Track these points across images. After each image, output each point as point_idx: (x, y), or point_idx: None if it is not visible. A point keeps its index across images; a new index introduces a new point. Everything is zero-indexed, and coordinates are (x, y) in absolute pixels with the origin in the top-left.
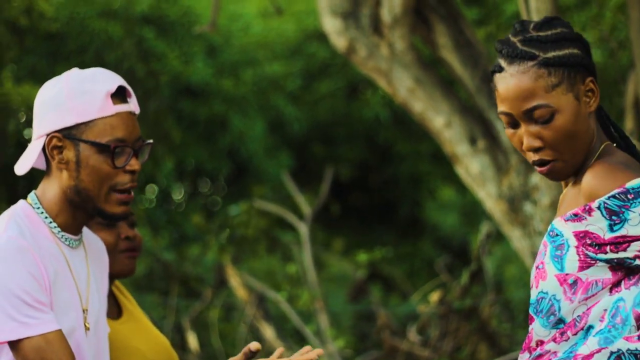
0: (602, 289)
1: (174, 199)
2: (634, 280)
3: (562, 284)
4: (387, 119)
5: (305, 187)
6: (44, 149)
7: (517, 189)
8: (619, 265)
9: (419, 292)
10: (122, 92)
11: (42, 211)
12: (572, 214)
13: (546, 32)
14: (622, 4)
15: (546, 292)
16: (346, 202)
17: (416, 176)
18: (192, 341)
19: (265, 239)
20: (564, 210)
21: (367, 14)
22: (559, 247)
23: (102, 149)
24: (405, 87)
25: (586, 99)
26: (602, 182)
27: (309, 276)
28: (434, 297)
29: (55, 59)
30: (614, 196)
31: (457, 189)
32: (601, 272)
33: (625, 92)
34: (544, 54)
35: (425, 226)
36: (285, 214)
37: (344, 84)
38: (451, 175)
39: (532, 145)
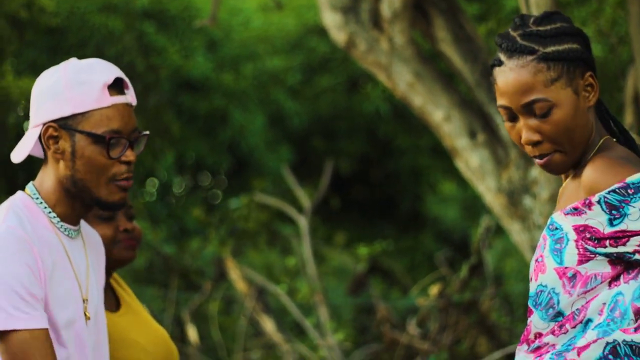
0: (601, 282)
1: (174, 192)
2: (633, 274)
3: (561, 278)
4: (387, 113)
5: (305, 181)
6: (40, 138)
7: (516, 182)
8: (618, 259)
9: (419, 286)
10: (119, 83)
11: (40, 201)
12: (572, 208)
13: (546, 26)
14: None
15: (545, 285)
16: (347, 196)
17: (416, 170)
18: (192, 334)
19: (265, 232)
20: (564, 203)
21: (366, 9)
22: (558, 240)
23: (97, 139)
24: (404, 81)
25: (585, 93)
26: (602, 176)
27: (309, 269)
28: (434, 290)
29: (55, 53)
30: (614, 191)
31: (458, 183)
32: (600, 266)
33: (624, 87)
34: (544, 49)
35: (425, 220)
36: (285, 207)
37: (344, 79)
38: (451, 169)
39: (530, 139)
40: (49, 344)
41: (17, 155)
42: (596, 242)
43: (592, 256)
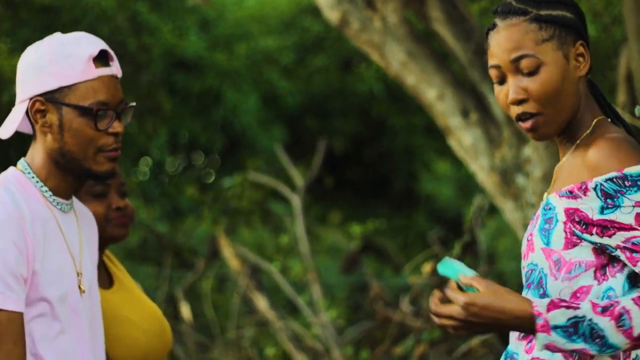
0: (585, 271)
1: (167, 171)
2: (618, 267)
3: (547, 259)
4: (381, 92)
5: (299, 160)
6: (27, 113)
7: (509, 161)
8: (601, 249)
9: (412, 264)
10: (104, 55)
11: (32, 176)
12: (568, 191)
13: None
14: None
15: (536, 264)
16: (340, 175)
17: (410, 149)
18: (185, 311)
19: (258, 211)
20: (560, 184)
21: None
22: (548, 220)
23: (84, 112)
24: (398, 60)
25: (576, 62)
26: (608, 158)
27: (302, 247)
28: (427, 268)
29: (48, 32)
30: (611, 179)
31: (452, 162)
32: (584, 254)
33: (617, 67)
34: (537, 11)
35: (419, 199)
36: (278, 186)
37: (337, 58)
38: (445, 148)
39: (516, 97)
40: (22, 329)
41: (5, 131)
42: (584, 227)
43: (578, 241)
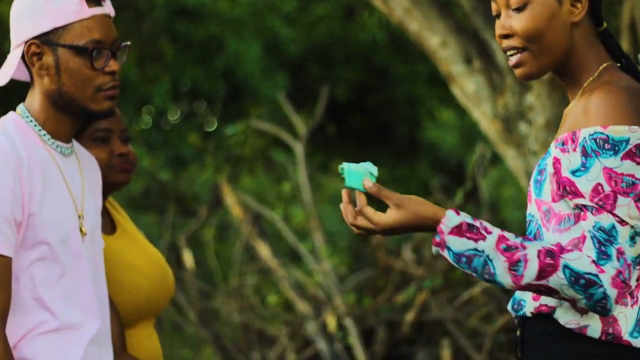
0: (574, 224)
1: (169, 119)
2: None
3: (539, 210)
4: (383, 41)
5: (301, 108)
6: (23, 58)
7: (512, 108)
8: None
9: None
10: None
11: (30, 120)
12: (562, 141)
13: None
14: None
15: (533, 216)
16: (343, 123)
17: (413, 97)
18: (188, 259)
19: (261, 159)
20: (562, 131)
21: None
22: (540, 171)
23: (80, 51)
24: (401, 7)
25: (571, 8)
26: (600, 108)
27: (304, 195)
28: None
29: None
30: (594, 138)
31: (455, 110)
32: (570, 208)
33: (620, 14)
34: None
35: (422, 148)
36: (280, 134)
37: (340, 6)
38: (447, 97)
39: (501, 32)
40: (9, 273)
41: (2, 78)
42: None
43: (564, 195)
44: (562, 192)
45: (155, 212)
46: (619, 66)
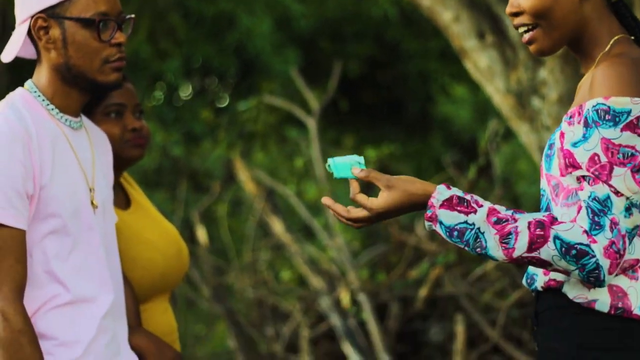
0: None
1: (181, 96)
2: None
3: (548, 184)
4: (395, 16)
5: (313, 83)
6: (29, 34)
7: (525, 83)
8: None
9: None
10: None
11: (38, 94)
12: (570, 115)
13: None
14: None
15: (544, 190)
16: (355, 99)
17: (425, 73)
18: (201, 235)
19: (274, 134)
20: (573, 104)
21: None
22: (550, 145)
23: (87, 23)
24: None
25: None
26: (604, 80)
27: (317, 170)
28: None
29: None
30: (596, 109)
31: (469, 86)
32: (576, 183)
33: None
34: None
35: (434, 124)
36: (293, 109)
37: None
38: (459, 72)
39: (510, 10)
40: (24, 247)
41: (8, 54)
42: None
43: (571, 169)
44: (566, 165)
45: (167, 188)
46: (634, 39)
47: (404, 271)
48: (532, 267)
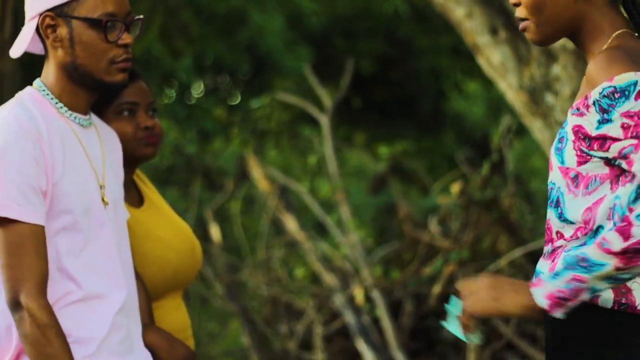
0: (601, 184)
1: (192, 94)
2: (630, 176)
3: (564, 177)
4: (406, 13)
5: (326, 81)
6: (37, 31)
7: (538, 79)
8: (608, 162)
9: (440, 183)
10: None
11: (47, 93)
12: (576, 108)
13: None
14: None
15: (554, 183)
16: (367, 96)
17: (437, 70)
18: (215, 233)
19: (287, 132)
20: (578, 96)
21: None
22: (560, 139)
23: (94, 24)
24: None
25: None
26: (599, 70)
27: (330, 167)
28: (455, 188)
29: None
30: (605, 95)
31: (482, 83)
32: (598, 168)
33: None
34: None
35: (447, 120)
36: (306, 106)
37: None
38: (471, 69)
39: (511, 0)
40: (44, 242)
41: (16, 50)
42: (587, 143)
43: (589, 158)
44: (596, 148)
45: (181, 186)
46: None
47: (417, 268)
48: (539, 265)
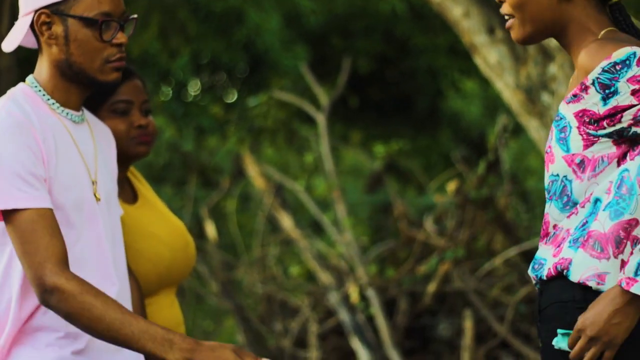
0: (609, 164)
1: (189, 92)
2: (638, 150)
3: (570, 165)
4: (403, 12)
5: (322, 79)
6: (32, 26)
7: (534, 79)
8: (619, 137)
9: (436, 182)
10: None
11: (39, 89)
12: (572, 95)
13: None
14: None
15: (557, 175)
16: (364, 94)
17: (434, 69)
18: (210, 230)
19: (283, 130)
20: (567, 93)
21: None
22: (562, 129)
23: (89, 23)
24: None
25: None
26: (592, 56)
27: (327, 166)
28: (451, 187)
29: None
30: (604, 70)
31: (479, 82)
32: (605, 148)
33: None
34: None
35: (443, 120)
36: (303, 105)
37: None
38: (468, 68)
39: None
40: (56, 222)
41: (9, 44)
42: (595, 124)
43: (596, 139)
44: (606, 125)
45: (177, 184)
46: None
47: (412, 266)
48: (540, 252)
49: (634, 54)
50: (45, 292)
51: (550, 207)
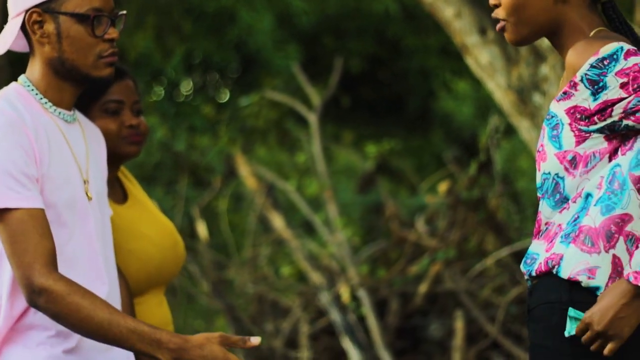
0: (601, 160)
1: (181, 92)
2: (629, 145)
3: (562, 162)
4: (396, 13)
5: (314, 79)
6: (23, 27)
7: (526, 79)
8: (611, 132)
9: (427, 182)
10: None
11: (32, 88)
12: (562, 93)
13: None
14: None
15: (549, 173)
16: (356, 94)
17: (425, 70)
18: (202, 230)
19: (275, 130)
20: (558, 92)
21: None
22: (554, 127)
23: (81, 19)
24: None
25: None
26: (580, 54)
27: (318, 166)
28: (442, 187)
29: None
30: (592, 66)
31: (470, 83)
32: (597, 144)
33: None
34: None
35: (434, 120)
36: (295, 105)
37: None
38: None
39: (491, 1)
40: (46, 223)
41: (0, 47)
42: (587, 120)
43: (587, 135)
44: (597, 120)
45: (168, 184)
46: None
47: (403, 267)
48: (533, 247)
49: (621, 48)
50: (33, 293)
51: (542, 205)
